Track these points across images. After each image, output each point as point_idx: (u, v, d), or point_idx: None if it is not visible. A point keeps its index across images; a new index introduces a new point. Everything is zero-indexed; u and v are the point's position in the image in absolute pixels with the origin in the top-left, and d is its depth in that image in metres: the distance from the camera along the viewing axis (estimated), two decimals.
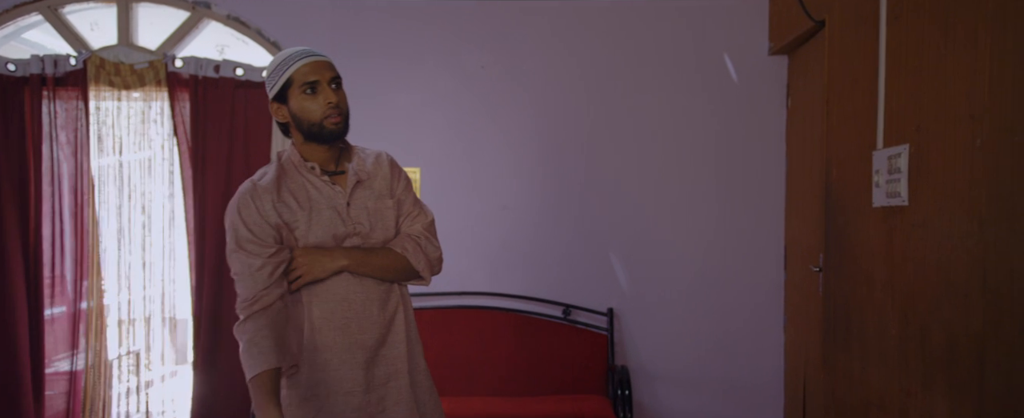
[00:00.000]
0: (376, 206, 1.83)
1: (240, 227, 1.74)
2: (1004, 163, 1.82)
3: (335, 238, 1.78)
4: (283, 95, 1.77)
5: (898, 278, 2.35)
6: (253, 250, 1.73)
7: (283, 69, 1.76)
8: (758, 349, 3.58)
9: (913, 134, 2.27)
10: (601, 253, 3.63)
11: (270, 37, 3.64)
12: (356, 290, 1.79)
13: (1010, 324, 1.79)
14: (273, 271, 1.73)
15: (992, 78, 1.88)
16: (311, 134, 1.77)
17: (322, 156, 1.82)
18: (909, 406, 2.27)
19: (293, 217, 1.76)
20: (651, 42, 3.61)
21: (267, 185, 1.78)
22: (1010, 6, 1.80)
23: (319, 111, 1.74)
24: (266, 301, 1.72)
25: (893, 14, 2.39)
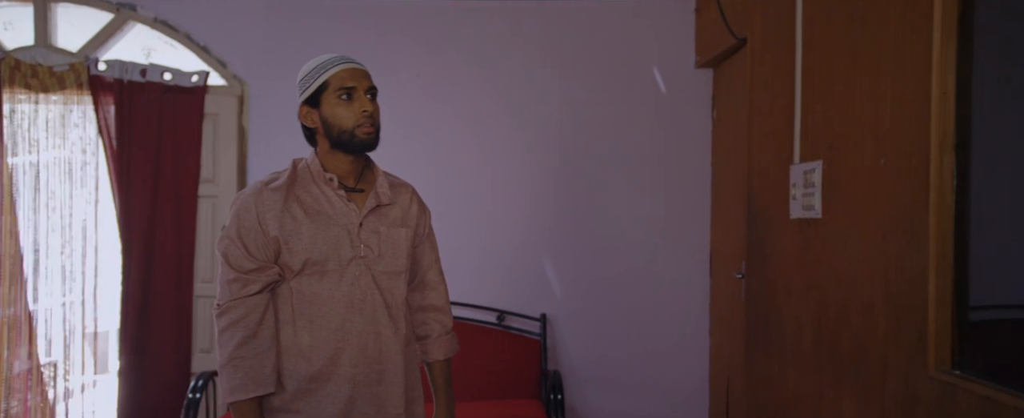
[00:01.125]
0: (388, 233, 1.74)
1: (232, 230, 1.65)
2: (904, 182, 1.96)
3: (339, 258, 1.67)
4: (316, 99, 1.69)
5: (812, 287, 2.49)
6: (235, 261, 1.63)
7: (320, 72, 1.69)
8: (685, 353, 3.71)
9: (826, 151, 2.41)
10: (535, 260, 3.70)
11: (200, 41, 3.57)
12: (354, 319, 1.69)
13: (908, 331, 1.93)
14: (243, 288, 1.63)
15: (893, 103, 2.02)
16: (340, 142, 1.68)
17: (344, 168, 1.72)
18: (821, 407, 2.42)
19: (296, 228, 1.65)
20: (584, 53, 3.70)
21: (277, 191, 1.67)
22: (907, 40, 1.94)
23: (353, 119, 1.66)
24: (234, 315, 1.62)
25: (808, 38, 2.53)
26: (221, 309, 1.63)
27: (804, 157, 2.57)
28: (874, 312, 2.11)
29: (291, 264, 1.65)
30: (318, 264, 1.66)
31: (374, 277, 1.71)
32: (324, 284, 1.67)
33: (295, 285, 1.67)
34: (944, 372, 1.79)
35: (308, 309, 1.67)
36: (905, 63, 1.96)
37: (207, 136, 3.56)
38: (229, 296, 1.63)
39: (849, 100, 2.26)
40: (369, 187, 1.76)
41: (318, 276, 1.67)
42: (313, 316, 1.67)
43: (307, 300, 1.67)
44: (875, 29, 2.12)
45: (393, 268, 1.74)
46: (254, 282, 1.63)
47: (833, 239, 2.35)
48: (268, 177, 1.72)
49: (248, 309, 1.62)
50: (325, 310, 1.67)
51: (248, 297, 1.63)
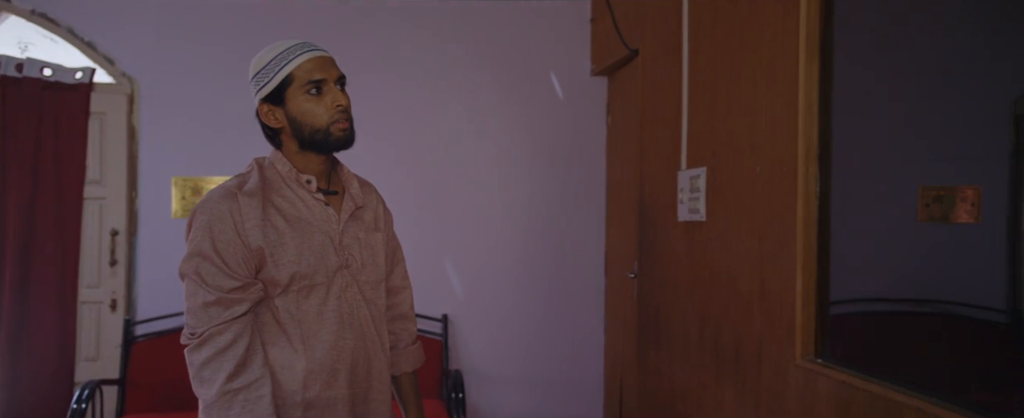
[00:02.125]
0: (367, 239, 1.59)
1: (205, 244, 1.42)
2: (776, 189, 2.14)
3: (326, 269, 1.50)
4: (279, 95, 1.49)
5: (697, 285, 2.66)
6: (213, 280, 1.42)
7: (281, 64, 1.49)
8: (581, 349, 3.85)
9: (710, 158, 2.58)
10: (436, 261, 3.75)
11: (84, 37, 3.41)
12: (347, 336, 1.53)
13: (780, 326, 2.11)
14: (226, 310, 1.42)
15: (767, 116, 2.20)
16: (313, 142, 1.50)
17: (317, 170, 1.55)
18: (705, 397, 2.59)
19: (279, 238, 1.46)
20: (484, 58, 3.78)
21: (253, 198, 1.47)
22: (778, 57, 2.13)
23: (326, 115, 1.48)
24: (220, 343, 1.41)
25: (693, 52, 2.70)
26: (201, 338, 1.41)
27: (690, 163, 2.74)
28: (751, 308, 2.29)
29: (277, 279, 1.46)
30: (306, 277, 1.48)
31: (360, 288, 1.56)
32: (312, 300, 1.49)
33: (280, 303, 1.48)
34: (809, 361, 1.97)
35: (299, 329, 1.48)
36: (777, 78, 2.14)
37: (94, 136, 3.42)
38: (209, 322, 1.41)
39: (729, 111, 2.44)
40: (341, 188, 1.61)
41: (306, 291, 1.49)
42: (306, 336, 1.49)
43: (296, 319, 1.48)
44: (751, 46, 2.30)
45: (376, 277, 1.60)
46: (239, 303, 1.43)
47: (716, 240, 2.53)
48: (234, 181, 1.51)
49: (235, 335, 1.41)
50: (317, 329, 1.49)
51: (234, 321, 1.42)
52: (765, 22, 2.21)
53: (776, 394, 2.12)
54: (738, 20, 2.38)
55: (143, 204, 3.52)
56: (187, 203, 3.54)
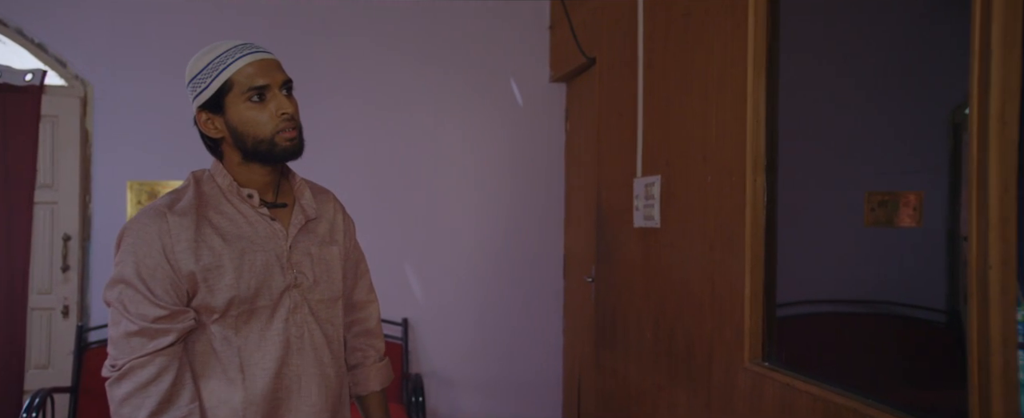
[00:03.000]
0: (320, 253, 1.46)
1: (128, 269, 1.30)
2: (726, 198, 2.22)
3: (270, 291, 1.37)
4: (217, 103, 1.36)
5: (652, 290, 2.73)
6: (135, 308, 1.29)
7: (218, 69, 1.36)
8: (541, 352, 3.91)
9: (664, 167, 2.66)
10: (396, 264, 3.77)
11: (34, 38, 3.34)
12: (293, 362, 1.40)
13: (730, 328, 2.19)
14: (149, 342, 1.29)
15: (718, 127, 2.28)
16: (257, 153, 1.37)
17: (261, 181, 1.43)
18: (659, 397, 2.67)
19: (215, 260, 1.33)
20: (444, 63, 3.81)
21: (185, 217, 1.33)
22: (728, 72, 2.21)
23: (270, 124, 1.35)
24: (141, 377, 1.28)
25: (648, 63, 2.78)
26: (120, 371, 1.29)
27: (645, 171, 2.82)
28: (702, 312, 2.37)
29: (212, 305, 1.33)
30: (246, 301, 1.35)
31: (311, 308, 1.43)
32: (253, 325, 1.37)
33: (217, 330, 1.35)
34: (756, 364, 2.06)
35: (236, 357, 1.35)
36: (727, 92, 2.22)
37: (45, 139, 3.35)
38: (130, 353, 1.29)
39: (682, 122, 2.52)
40: (290, 199, 1.48)
41: (246, 316, 1.36)
42: (245, 365, 1.36)
43: (234, 346, 1.36)
44: (703, 60, 2.37)
45: (330, 294, 1.47)
46: (164, 334, 1.29)
47: (669, 247, 2.60)
48: (166, 199, 1.38)
49: (160, 368, 1.28)
50: (257, 356, 1.36)
51: (158, 353, 1.29)
52: (715, 38, 2.29)
53: (726, 396, 2.20)
54: (690, 34, 2.45)
55: (97, 209, 3.47)
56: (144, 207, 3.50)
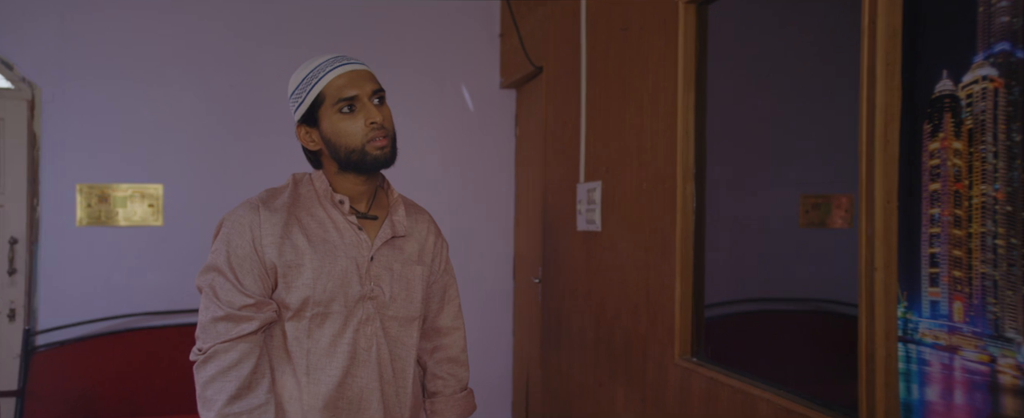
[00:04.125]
0: (403, 271, 1.47)
1: (220, 257, 1.36)
2: (659, 204, 2.36)
3: (346, 298, 1.39)
4: (313, 116, 1.40)
5: (594, 290, 2.87)
6: (224, 295, 1.34)
7: (311, 83, 1.40)
8: (491, 351, 4.02)
9: (604, 173, 2.79)
10: None
11: None
12: (357, 373, 1.41)
13: (663, 329, 2.33)
14: (234, 327, 1.33)
15: (652, 137, 2.42)
16: (350, 163, 1.40)
17: (356, 191, 1.46)
18: (600, 393, 2.80)
19: (297, 258, 1.36)
20: (397, 68, 3.88)
21: (276, 213, 1.38)
22: (661, 86, 2.34)
23: (360, 134, 1.38)
24: (224, 361, 1.32)
25: (590, 74, 2.91)
26: (206, 354, 1.34)
27: (588, 177, 2.95)
28: (639, 312, 2.50)
29: (287, 302, 1.37)
30: (321, 304, 1.37)
31: (383, 323, 1.44)
32: (326, 329, 1.39)
33: (290, 329, 1.38)
34: (685, 360, 2.20)
35: (305, 359, 1.38)
36: (660, 105, 2.36)
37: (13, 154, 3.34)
38: (215, 338, 1.33)
39: (621, 131, 2.65)
40: (383, 213, 1.50)
41: (319, 319, 1.38)
42: (311, 368, 1.38)
43: (304, 348, 1.38)
44: (639, 74, 2.51)
45: (405, 313, 1.47)
46: (248, 321, 1.34)
47: (610, 250, 2.74)
48: (264, 193, 1.44)
49: (242, 354, 1.33)
50: (325, 361, 1.38)
51: (241, 339, 1.33)
52: (650, 54, 2.43)
53: (659, 390, 2.34)
54: (628, 49, 2.59)
55: (45, 212, 3.46)
56: (93, 210, 3.50)
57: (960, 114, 1.28)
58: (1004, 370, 1.19)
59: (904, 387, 1.40)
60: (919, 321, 1.37)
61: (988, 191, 1.23)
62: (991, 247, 1.22)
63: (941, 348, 1.32)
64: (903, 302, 1.40)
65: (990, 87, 1.22)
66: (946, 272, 1.31)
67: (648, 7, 2.43)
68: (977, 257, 1.24)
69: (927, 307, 1.35)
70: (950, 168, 1.30)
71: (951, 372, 1.30)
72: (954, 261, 1.29)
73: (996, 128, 1.21)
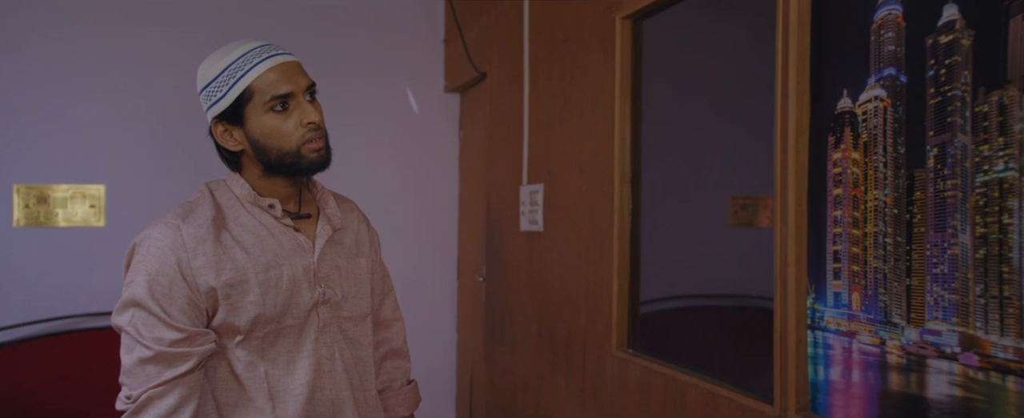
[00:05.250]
0: (349, 267, 1.35)
1: (139, 289, 1.16)
2: (598, 205, 2.52)
3: (297, 308, 1.25)
4: (236, 113, 1.24)
5: (536, 288, 3.01)
6: (149, 331, 1.15)
7: (235, 75, 1.22)
8: (436, 348, 4.12)
9: (546, 176, 2.93)
10: None
11: None
12: (324, 387, 1.28)
13: (602, 323, 2.48)
14: (166, 369, 1.14)
15: (592, 142, 2.57)
16: (281, 166, 1.26)
17: (284, 192, 1.32)
18: (542, 386, 2.94)
19: (239, 275, 1.20)
20: (345, 72, 3.95)
21: (201, 229, 1.20)
22: (599, 94, 2.50)
23: (295, 134, 1.23)
24: (159, 410, 1.14)
25: (533, 80, 3.05)
26: (137, 403, 1.14)
27: (530, 180, 3.09)
28: (578, 308, 2.65)
29: (236, 324, 1.21)
30: (272, 321, 1.23)
31: (340, 326, 1.32)
32: (280, 346, 1.25)
33: (241, 354, 1.22)
34: (622, 351, 2.36)
35: (264, 383, 1.23)
36: (599, 111, 2.51)
37: None
38: (145, 382, 1.15)
39: (562, 135, 2.80)
40: (314, 209, 1.37)
41: (272, 337, 1.24)
42: (273, 392, 1.23)
43: (260, 372, 1.23)
44: (579, 82, 2.66)
45: (359, 311, 1.36)
46: (183, 359, 1.16)
47: (551, 249, 2.88)
48: (178, 210, 1.25)
49: (180, 399, 1.15)
50: (287, 381, 1.24)
51: (177, 381, 1.15)
52: (589, 63, 2.58)
53: (597, 380, 2.50)
54: (569, 58, 2.74)
55: None
56: (31, 211, 3.46)
57: (857, 128, 1.46)
58: (891, 351, 1.38)
59: (812, 369, 1.58)
60: (824, 310, 1.55)
61: (880, 196, 1.41)
62: (882, 245, 1.40)
63: (842, 333, 1.50)
64: (811, 294, 1.58)
65: (881, 105, 1.40)
66: (846, 267, 1.49)
67: (587, 20, 2.58)
68: (871, 253, 1.43)
69: (831, 298, 1.53)
70: (850, 175, 1.48)
71: (850, 354, 1.48)
72: (853, 257, 1.47)
73: (886, 141, 1.40)
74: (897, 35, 1.36)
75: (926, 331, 1.30)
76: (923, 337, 1.31)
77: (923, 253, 1.31)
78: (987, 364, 1.19)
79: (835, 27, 1.52)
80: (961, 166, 1.24)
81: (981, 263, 1.20)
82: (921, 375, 1.31)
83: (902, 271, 1.36)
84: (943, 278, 1.27)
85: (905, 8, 1.35)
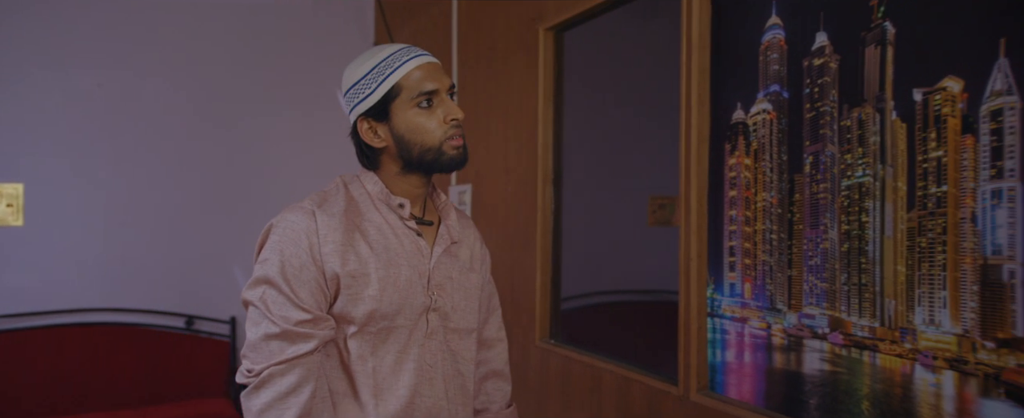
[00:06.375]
0: (461, 280, 1.35)
1: (272, 268, 1.20)
2: (523, 205, 2.66)
3: (410, 308, 1.26)
4: (383, 109, 1.26)
5: None
6: (278, 309, 1.19)
7: (383, 73, 1.25)
8: None
9: (475, 177, 3.06)
10: (224, 264, 3.89)
11: None
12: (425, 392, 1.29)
13: (525, 314, 2.63)
14: (290, 346, 1.18)
15: (517, 145, 2.72)
16: (421, 163, 1.27)
17: (415, 193, 1.32)
18: None
19: (361, 267, 1.23)
20: (276, 74, 3.98)
21: (334, 218, 1.24)
22: (524, 101, 2.65)
23: (439, 130, 1.25)
24: (281, 386, 1.18)
25: (462, 85, 3.18)
26: (259, 378, 1.18)
27: (460, 180, 3.21)
28: (504, 302, 2.79)
29: (351, 316, 1.23)
30: (386, 317, 1.25)
31: (446, 337, 1.33)
32: (390, 345, 1.26)
33: (354, 346, 1.25)
34: (544, 342, 2.51)
35: (371, 379, 1.25)
36: (524, 116, 2.66)
37: None
38: (269, 358, 1.18)
39: (490, 139, 2.94)
40: (436, 218, 1.38)
41: (384, 334, 1.26)
42: (379, 388, 1.25)
43: (369, 367, 1.25)
44: (505, 89, 2.80)
45: (466, 324, 1.36)
46: (306, 339, 1.19)
47: None
48: (316, 197, 1.30)
49: (300, 378, 1.19)
50: (392, 380, 1.26)
51: (298, 360, 1.19)
52: (514, 70, 2.72)
53: (523, 369, 2.64)
54: (496, 64, 2.88)
55: None
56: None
57: (749, 137, 1.65)
58: (776, 334, 1.57)
59: (711, 352, 1.77)
60: (722, 299, 1.73)
61: (767, 197, 1.60)
62: (769, 240, 1.59)
63: (736, 320, 1.69)
64: (711, 285, 1.77)
65: (767, 117, 1.59)
66: (740, 260, 1.68)
67: (513, 30, 2.73)
68: (760, 248, 1.62)
69: (727, 288, 1.72)
70: (743, 179, 1.67)
71: (742, 338, 1.67)
72: (745, 252, 1.66)
73: (772, 149, 1.59)
74: (781, 56, 1.56)
75: (803, 315, 1.50)
76: (801, 320, 1.50)
77: (801, 247, 1.50)
78: (849, 342, 1.38)
79: (730, 47, 1.71)
80: (830, 172, 1.43)
81: (845, 255, 1.40)
82: (799, 354, 1.51)
83: (785, 263, 1.55)
84: (816, 269, 1.46)
85: (787, 32, 1.54)
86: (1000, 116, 1.12)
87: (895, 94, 1.29)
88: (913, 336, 1.26)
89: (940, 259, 1.21)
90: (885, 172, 1.31)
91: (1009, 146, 1.11)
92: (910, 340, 1.27)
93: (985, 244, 1.14)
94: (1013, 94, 1.10)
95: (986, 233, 1.14)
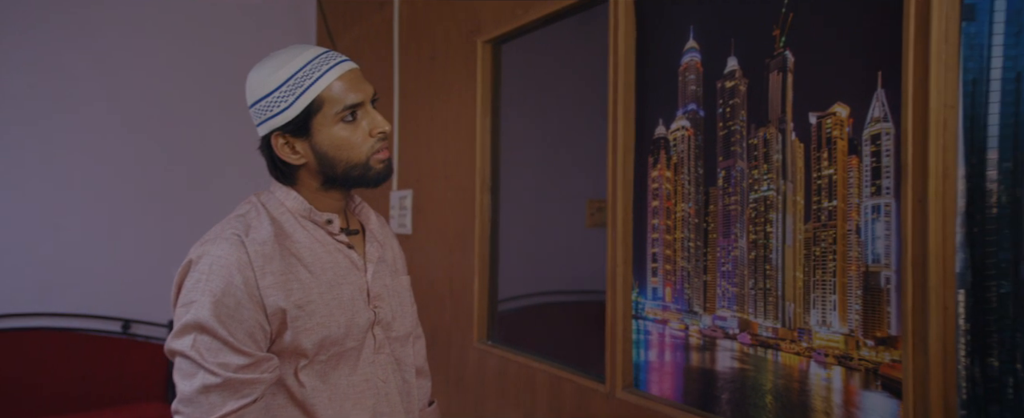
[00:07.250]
0: (394, 285, 1.30)
1: (203, 311, 1.06)
2: (462, 211, 2.75)
3: (356, 329, 1.18)
4: (302, 124, 1.15)
5: None
6: (212, 356, 1.06)
7: (302, 85, 1.13)
8: None
9: (415, 183, 3.13)
10: (164, 266, 3.85)
11: None
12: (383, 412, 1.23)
13: (464, 317, 2.71)
14: (231, 397, 1.06)
15: (456, 153, 2.80)
16: (347, 179, 1.19)
17: (337, 207, 1.24)
18: None
19: (306, 295, 1.13)
20: (216, 77, 3.97)
21: (266, 245, 1.12)
22: (463, 111, 2.73)
23: (365, 146, 1.17)
24: None
25: (403, 94, 3.24)
26: None
27: (400, 186, 3.27)
28: (444, 305, 2.87)
29: (303, 348, 1.13)
30: (336, 342, 1.16)
31: (391, 347, 1.26)
32: (342, 370, 1.18)
33: (305, 378, 1.14)
34: (482, 343, 2.60)
35: (328, 409, 1.15)
36: (462, 125, 2.75)
37: None
38: (209, 413, 1.05)
39: (430, 146, 3.01)
40: (358, 224, 1.31)
41: (335, 359, 1.17)
42: (338, 417, 1.17)
43: (324, 397, 1.16)
44: (444, 98, 2.88)
45: (406, 329, 1.30)
46: (250, 386, 1.07)
47: (419, 251, 3.09)
48: (236, 224, 1.15)
49: None
50: (348, 407, 1.17)
51: (242, 411, 1.07)
52: (453, 82, 2.81)
53: (461, 369, 2.73)
54: (436, 75, 2.96)
55: None
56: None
57: (669, 151, 1.77)
58: (693, 334, 1.69)
59: (635, 352, 1.88)
60: (645, 302, 1.85)
61: (685, 208, 1.73)
62: (687, 248, 1.72)
63: (658, 321, 1.81)
64: (636, 288, 1.89)
65: (686, 134, 1.72)
66: (661, 266, 1.80)
67: (452, 42, 2.81)
68: (679, 255, 1.74)
69: (650, 292, 1.84)
70: (664, 190, 1.79)
71: (664, 339, 1.79)
72: (666, 258, 1.78)
73: (689, 163, 1.71)
74: (697, 77, 1.68)
75: (716, 317, 1.62)
76: (714, 322, 1.63)
77: (715, 255, 1.63)
78: (756, 341, 1.52)
79: (654, 67, 1.83)
80: (740, 186, 1.56)
81: (753, 262, 1.53)
82: (713, 353, 1.63)
83: (701, 269, 1.67)
84: (728, 274, 1.59)
85: (702, 56, 1.67)
86: (879, 140, 1.26)
87: (794, 116, 1.43)
88: (809, 336, 1.40)
89: (831, 266, 1.35)
90: (786, 187, 1.45)
91: (886, 167, 1.25)
92: (806, 339, 1.40)
93: (867, 253, 1.28)
94: (888, 121, 1.24)
95: (868, 244, 1.28)
